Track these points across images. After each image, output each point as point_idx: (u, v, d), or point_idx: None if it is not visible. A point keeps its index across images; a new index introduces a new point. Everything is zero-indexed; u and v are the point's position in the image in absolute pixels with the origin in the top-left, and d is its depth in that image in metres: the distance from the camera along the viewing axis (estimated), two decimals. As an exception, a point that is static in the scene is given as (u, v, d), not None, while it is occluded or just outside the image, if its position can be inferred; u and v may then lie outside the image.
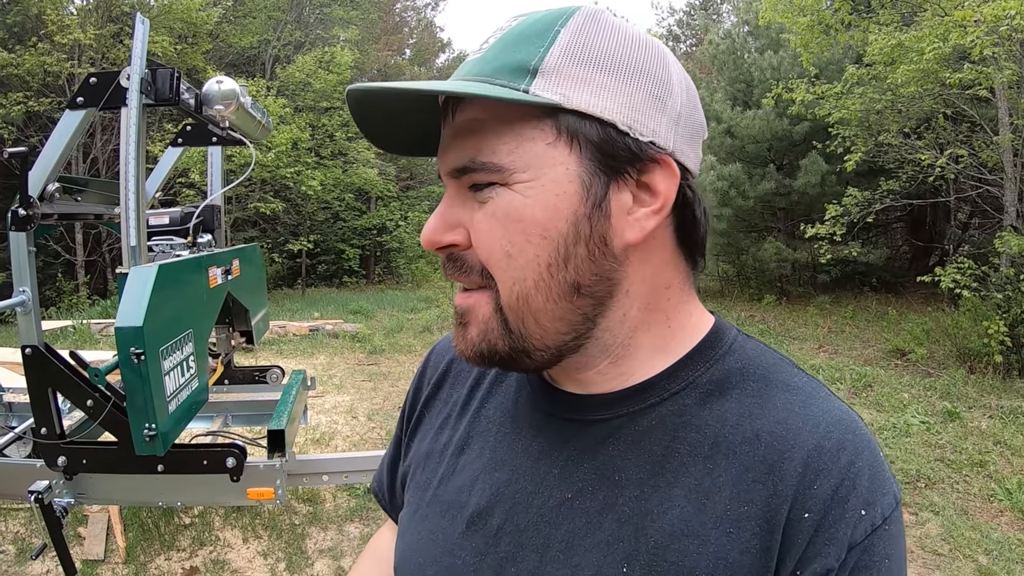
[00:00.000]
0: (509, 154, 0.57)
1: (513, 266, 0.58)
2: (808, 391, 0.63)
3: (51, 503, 2.40)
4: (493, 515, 0.66)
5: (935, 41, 7.21)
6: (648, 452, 0.62)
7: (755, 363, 0.65)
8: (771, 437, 0.59)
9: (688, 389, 0.64)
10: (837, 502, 0.56)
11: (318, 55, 15.80)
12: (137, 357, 1.95)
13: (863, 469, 0.57)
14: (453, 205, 0.61)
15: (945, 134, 9.08)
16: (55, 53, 11.59)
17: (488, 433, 0.72)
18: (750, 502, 0.57)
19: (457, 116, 0.59)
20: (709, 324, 0.69)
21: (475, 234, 0.59)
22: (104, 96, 2.28)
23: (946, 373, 7.43)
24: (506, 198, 0.57)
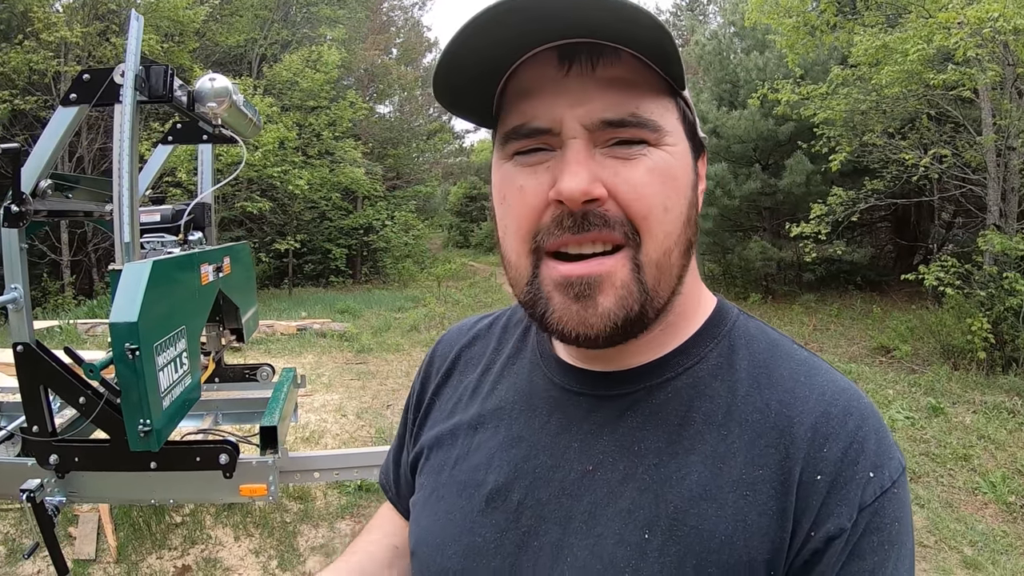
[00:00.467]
0: (660, 117, 0.60)
1: (668, 219, 0.60)
2: (812, 363, 0.67)
3: (43, 502, 2.39)
4: (513, 491, 0.68)
5: (919, 43, 7.30)
6: (665, 423, 0.64)
7: (759, 338, 0.70)
8: (780, 405, 0.62)
9: (699, 363, 0.67)
10: (847, 464, 0.59)
11: (305, 54, 15.73)
12: (132, 353, 1.95)
13: (869, 434, 0.60)
14: (588, 161, 0.59)
15: (929, 134, 9.19)
16: (41, 51, 11.46)
17: (502, 412, 0.74)
18: (764, 466, 0.60)
19: (600, 69, 0.59)
20: (712, 303, 0.73)
21: (628, 188, 0.59)
22: (97, 93, 2.28)
23: (930, 369, 7.54)
24: (661, 156, 0.60)
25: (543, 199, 0.60)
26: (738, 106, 11.97)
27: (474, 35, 0.56)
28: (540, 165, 0.61)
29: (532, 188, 0.61)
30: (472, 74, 0.60)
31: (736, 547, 0.58)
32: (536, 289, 0.62)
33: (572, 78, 0.59)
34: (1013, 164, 8.35)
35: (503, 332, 0.86)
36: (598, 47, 0.58)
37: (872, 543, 0.58)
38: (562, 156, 0.59)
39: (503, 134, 0.63)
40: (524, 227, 0.62)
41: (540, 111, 0.59)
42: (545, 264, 0.61)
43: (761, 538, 0.58)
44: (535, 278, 0.62)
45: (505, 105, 0.63)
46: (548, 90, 0.59)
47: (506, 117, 0.63)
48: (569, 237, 0.59)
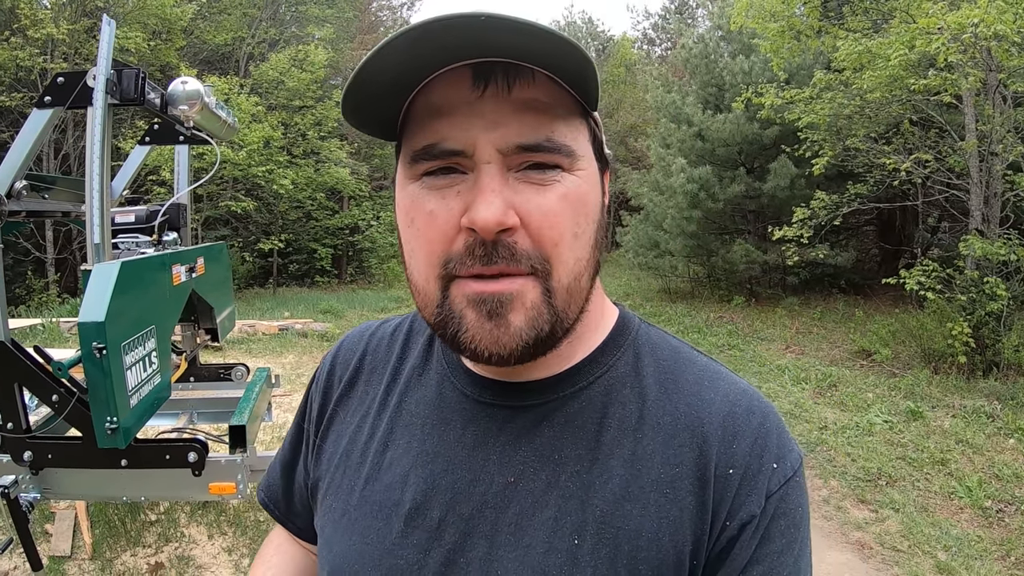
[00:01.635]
0: (574, 140, 0.60)
1: (577, 245, 0.61)
2: (712, 369, 0.72)
3: (17, 498, 2.42)
4: (432, 508, 0.66)
5: (901, 48, 7.34)
6: (582, 430, 0.66)
7: (661, 346, 0.74)
8: (688, 408, 0.67)
9: (608, 371, 0.70)
10: (754, 457, 0.64)
11: (292, 53, 15.73)
12: (99, 352, 1.99)
13: (771, 429, 0.66)
14: (502, 187, 0.58)
15: (913, 139, 9.24)
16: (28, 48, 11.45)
17: (413, 427, 0.72)
18: (680, 464, 0.64)
19: (516, 91, 0.57)
20: (616, 312, 0.76)
21: (541, 216, 0.58)
22: (71, 96, 2.31)
23: (910, 373, 7.59)
24: (573, 182, 0.60)
25: (454, 226, 0.59)
26: (723, 109, 12.04)
27: (386, 54, 0.54)
28: (450, 189, 0.59)
29: (443, 215, 0.59)
30: (380, 91, 0.58)
31: (663, 543, 0.61)
32: (447, 310, 0.61)
33: (487, 100, 0.57)
34: (996, 169, 8.37)
35: (407, 340, 0.83)
36: (514, 68, 0.57)
37: (780, 526, 0.63)
38: (476, 182, 0.58)
39: (412, 152, 0.61)
40: (435, 254, 0.60)
41: (453, 132, 0.58)
42: (455, 286, 0.60)
43: (684, 532, 0.62)
44: (445, 299, 0.61)
45: (413, 122, 0.61)
46: (461, 111, 0.58)
47: (414, 135, 0.60)
48: (480, 268, 0.58)
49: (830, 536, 4.07)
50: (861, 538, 4.03)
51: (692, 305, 12.60)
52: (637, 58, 27.39)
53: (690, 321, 10.87)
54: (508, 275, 0.59)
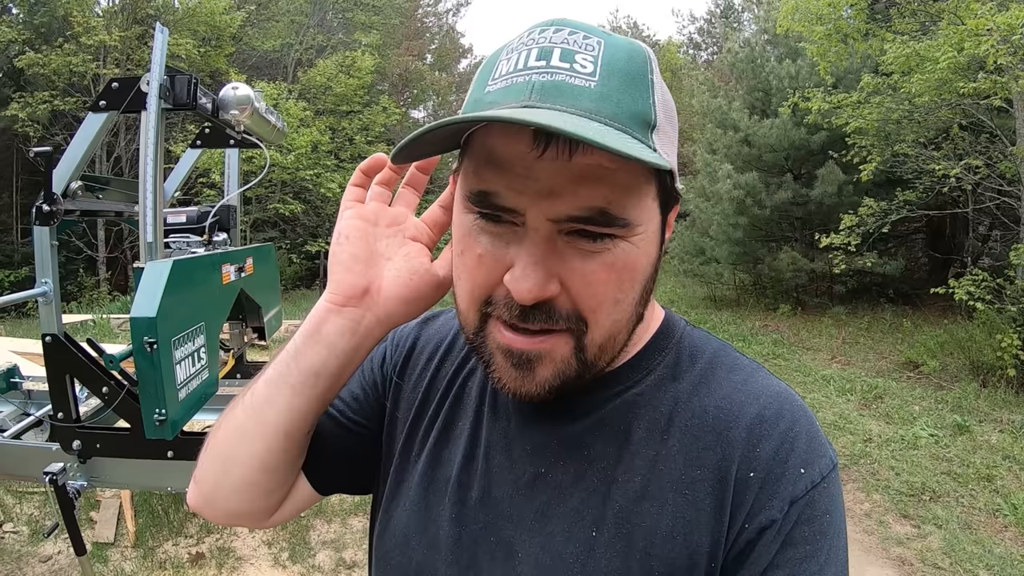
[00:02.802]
0: (634, 208, 0.58)
1: (618, 310, 0.62)
2: (749, 371, 0.71)
3: (65, 485, 2.51)
4: (472, 488, 0.72)
5: (949, 50, 7.17)
6: (614, 431, 0.69)
7: (702, 349, 0.74)
8: (717, 411, 0.67)
9: (648, 375, 0.71)
10: (778, 462, 0.63)
11: (339, 59, 15.98)
12: (150, 346, 2.06)
13: (800, 434, 0.65)
14: (548, 254, 0.58)
15: (963, 144, 8.99)
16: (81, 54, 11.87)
17: (469, 410, 0.78)
18: (702, 466, 0.65)
19: (578, 157, 0.54)
20: (662, 316, 0.77)
21: (582, 284, 0.59)
22: (125, 100, 2.40)
23: (958, 386, 7.36)
24: (624, 250, 0.59)
25: (498, 276, 0.60)
26: (770, 114, 11.86)
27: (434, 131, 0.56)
28: (501, 238, 0.60)
29: (489, 262, 0.61)
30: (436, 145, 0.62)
31: (676, 541, 0.63)
32: (481, 342, 0.64)
33: (545, 163, 0.55)
34: None
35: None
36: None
37: (804, 533, 0.62)
38: (524, 245, 0.58)
39: (468, 191, 0.61)
40: (477, 293, 0.63)
41: (508, 192, 0.57)
42: (493, 324, 0.63)
43: (700, 532, 0.63)
44: (481, 331, 0.64)
45: (473, 156, 0.60)
46: (519, 170, 0.56)
47: (472, 174, 0.60)
48: (517, 321, 0.60)
49: (870, 551, 3.98)
50: (902, 554, 3.94)
51: (737, 313, 12.43)
52: (683, 63, 27.15)
53: (735, 329, 10.71)
54: (543, 332, 0.61)
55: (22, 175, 14.66)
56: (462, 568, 0.70)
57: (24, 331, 8.56)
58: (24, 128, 12.79)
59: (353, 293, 0.69)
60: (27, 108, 12.61)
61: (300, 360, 0.70)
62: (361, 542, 3.70)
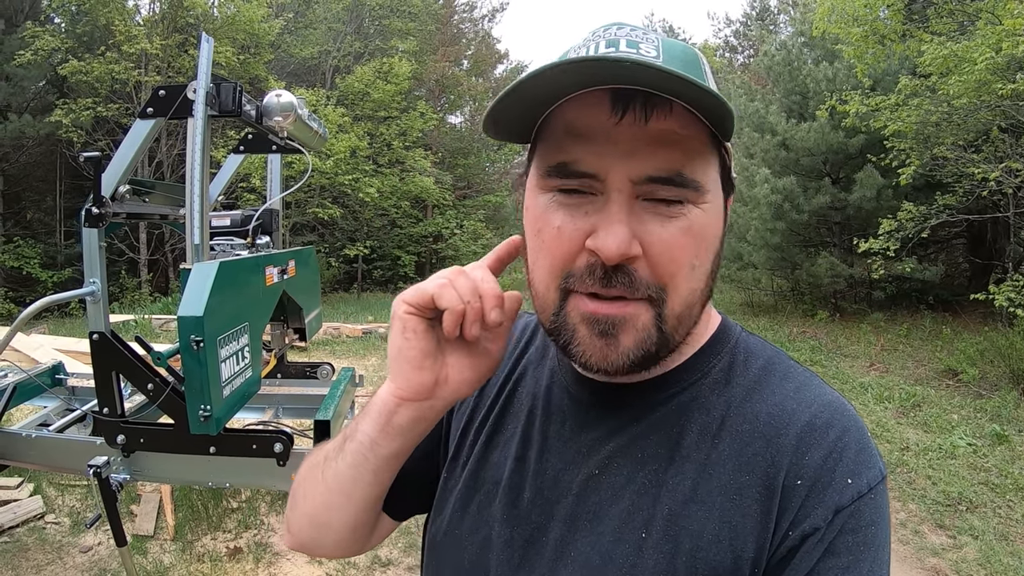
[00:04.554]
0: (704, 174, 0.62)
1: (695, 276, 0.64)
2: (803, 379, 0.72)
3: (108, 478, 2.59)
4: (525, 490, 0.74)
5: (987, 51, 7.05)
6: (666, 433, 0.70)
7: (756, 354, 0.75)
8: (769, 417, 0.68)
9: (703, 378, 0.73)
10: (826, 471, 0.64)
11: (377, 66, 16.16)
12: (197, 344, 2.13)
13: (850, 444, 0.65)
14: (629, 216, 0.61)
15: (1003, 147, 8.79)
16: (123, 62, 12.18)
17: (521, 414, 0.80)
18: (750, 472, 0.65)
19: (653, 122, 0.59)
20: (717, 322, 0.78)
21: (659, 248, 0.62)
22: (172, 107, 2.48)
23: (998, 395, 7.21)
24: (698, 216, 0.62)
25: (579, 245, 0.63)
26: (807, 118, 11.69)
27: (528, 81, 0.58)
28: (579, 208, 0.63)
29: (569, 232, 0.63)
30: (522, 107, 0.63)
31: (722, 546, 0.64)
32: (563, 320, 0.65)
33: (624, 127, 0.59)
34: None
35: (533, 333, 0.90)
36: (652, 97, 0.58)
37: (847, 542, 0.62)
38: (605, 207, 0.61)
39: (546, 167, 0.64)
40: (556, 267, 0.65)
41: (588, 156, 0.61)
42: (574, 299, 0.65)
43: (746, 538, 0.64)
44: (561, 310, 0.65)
45: (549, 136, 0.65)
46: (599, 136, 0.60)
47: (549, 150, 0.64)
48: (599, 288, 0.62)
49: (905, 561, 3.92)
50: (937, 564, 3.88)
51: (775, 319, 12.29)
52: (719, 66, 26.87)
53: (772, 336, 10.59)
54: (623, 299, 0.63)
55: (65, 179, 15.09)
56: (513, 567, 0.72)
57: (67, 330, 8.82)
58: (68, 134, 13.16)
59: (423, 389, 0.70)
60: (70, 114, 12.99)
61: (377, 450, 0.73)
62: (396, 540, 3.75)
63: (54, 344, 5.60)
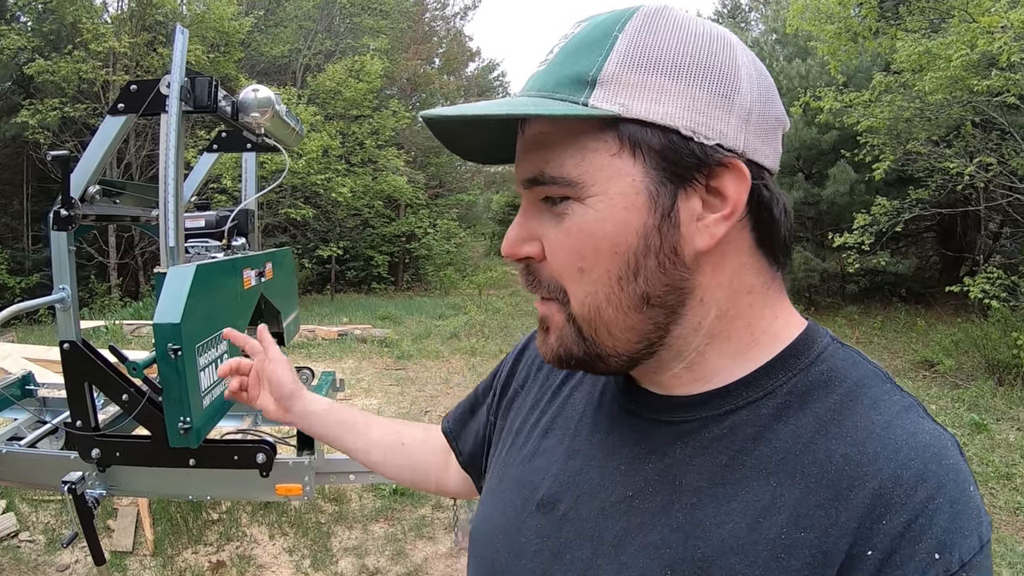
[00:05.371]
0: (576, 167, 0.57)
1: (585, 280, 0.59)
2: (896, 411, 0.58)
3: (83, 494, 2.48)
4: (561, 501, 0.68)
5: (962, 48, 7.15)
6: (713, 460, 0.60)
7: (842, 375, 0.61)
8: (844, 460, 0.55)
9: (766, 399, 0.61)
10: (907, 542, 0.51)
11: (348, 64, 16.01)
12: (174, 353, 2.02)
13: (943, 506, 0.52)
14: (530, 217, 0.63)
15: (974, 142, 8.98)
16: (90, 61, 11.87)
17: (570, 421, 0.75)
18: (808, 528, 0.53)
19: (527, 129, 0.61)
20: (798, 330, 0.65)
21: (549, 249, 0.61)
22: (144, 103, 2.36)
23: (974, 385, 7.34)
24: (579, 213, 0.58)
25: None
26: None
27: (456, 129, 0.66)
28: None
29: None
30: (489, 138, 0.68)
31: None
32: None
33: (520, 140, 0.63)
34: None
35: None
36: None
37: None
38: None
39: None
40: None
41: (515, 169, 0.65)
42: None
43: None
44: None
45: None
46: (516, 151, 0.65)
47: None
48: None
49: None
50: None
51: (749, 314, 12.35)
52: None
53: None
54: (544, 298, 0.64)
55: (32, 182, 14.69)
56: None
57: (37, 338, 8.58)
58: (35, 135, 12.81)
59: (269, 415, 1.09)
60: (37, 115, 12.63)
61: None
62: (383, 548, 3.66)
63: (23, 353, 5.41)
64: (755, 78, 0.59)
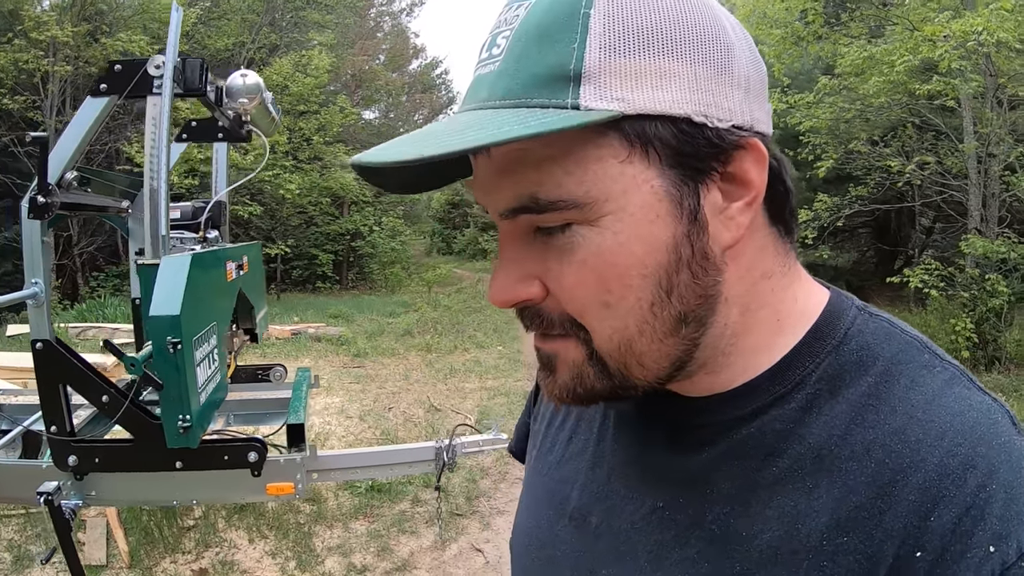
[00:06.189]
0: (579, 185, 0.47)
1: (612, 315, 0.50)
2: (938, 385, 0.52)
3: (60, 505, 2.33)
4: (592, 514, 0.64)
5: (905, 54, 7.53)
6: (743, 465, 0.55)
7: (875, 352, 0.54)
8: (884, 452, 0.49)
9: (794, 391, 0.55)
10: (959, 536, 0.45)
11: (295, 58, 15.68)
12: (174, 347, 1.92)
13: (996, 492, 0.46)
14: (519, 253, 0.52)
15: (911, 142, 9.47)
16: (32, 50, 11.17)
17: (593, 425, 0.69)
18: (850, 532, 0.48)
19: (494, 148, 0.47)
20: (821, 306, 0.58)
21: (558, 287, 0.51)
22: (129, 84, 2.23)
23: (916, 369, 7.77)
24: (593, 239, 0.49)
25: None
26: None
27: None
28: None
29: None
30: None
31: None
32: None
33: (480, 163, 0.52)
34: (993, 171, 8.64)
35: None
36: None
37: None
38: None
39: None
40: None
41: (478, 199, 0.55)
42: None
43: None
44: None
45: None
46: (474, 178, 0.54)
47: None
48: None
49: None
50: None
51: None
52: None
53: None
54: (549, 336, 0.54)
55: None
56: None
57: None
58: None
59: None
60: (-29, 107, 11.83)
61: None
62: (367, 546, 3.58)
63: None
64: (742, 37, 0.52)
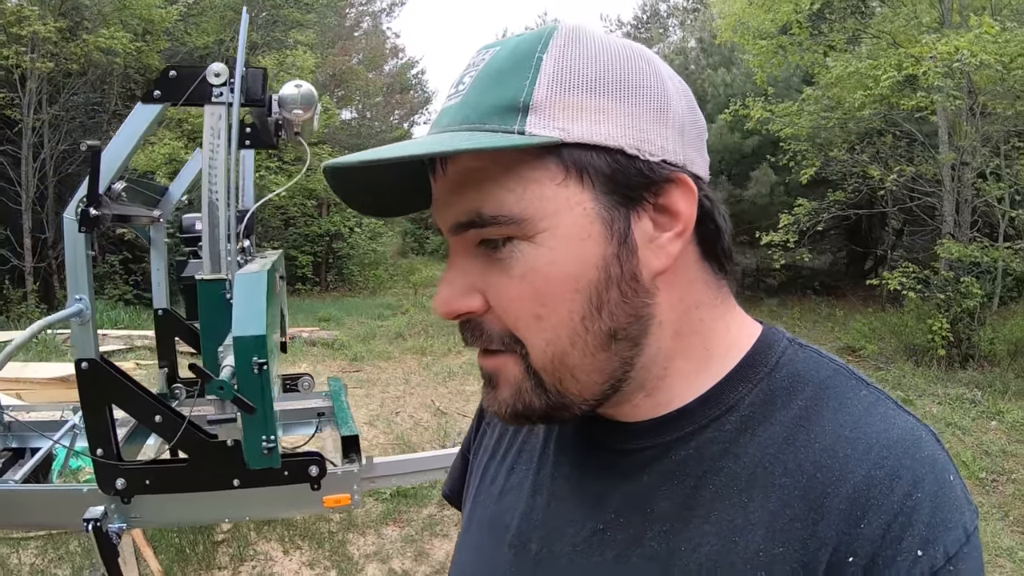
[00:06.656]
0: (518, 202, 0.52)
1: (544, 327, 0.54)
2: (864, 407, 0.55)
3: (107, 531, 2.25)
4: (532, 540, 0.64)
5: (890, 70, 7.94)
6: (681, 484, 0.57)
7: (805, 379, 0.58)
8: (815, 468, 0.52)
9: (728, 414, 0.58)
10: (888, 542, 0.48)
11: (279, 58, 15.43)
12: (259, 367, 1.89)
13: (922, 501, 0.49)
14: (464, 267, 0.56)
15: (886, 149, 9.90)
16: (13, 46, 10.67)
17: (533, 455, 0.71)
18: (786, 543, 0.51)
19: (450, 168, 0.54)
20: (753, 337, 0.62)
21: (497, 299, 0.55)
22: (185, 92, 2.15)
23: (895, 367, 8.17)
24: (529, 254, 0.53)
25: None
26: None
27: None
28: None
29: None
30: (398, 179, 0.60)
31: None
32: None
33: (437, 181, 0.56)
34: (966, 178, 9.00)
35: None
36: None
37: None
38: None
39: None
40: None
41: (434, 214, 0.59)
42: None
43: None
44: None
45: None
46: (433, 199, 0.59)
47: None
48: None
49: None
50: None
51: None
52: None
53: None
54: (489, 352, 0.58)
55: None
56: None
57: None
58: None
59: None
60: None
61: None
62: (401, 551, 3.56)
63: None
64: (680, 89, 0.58)
